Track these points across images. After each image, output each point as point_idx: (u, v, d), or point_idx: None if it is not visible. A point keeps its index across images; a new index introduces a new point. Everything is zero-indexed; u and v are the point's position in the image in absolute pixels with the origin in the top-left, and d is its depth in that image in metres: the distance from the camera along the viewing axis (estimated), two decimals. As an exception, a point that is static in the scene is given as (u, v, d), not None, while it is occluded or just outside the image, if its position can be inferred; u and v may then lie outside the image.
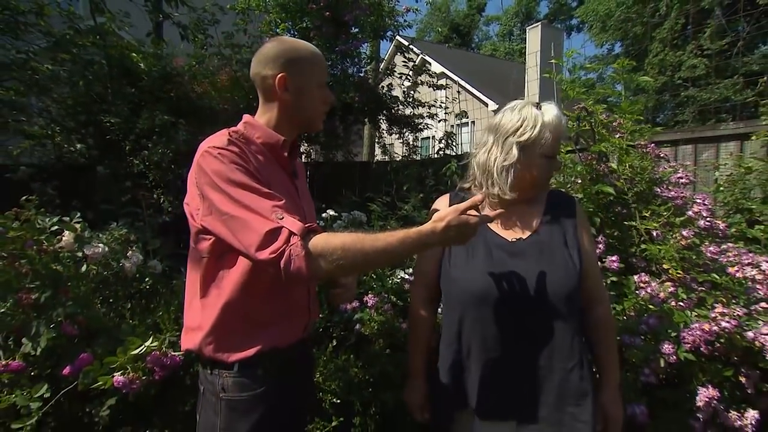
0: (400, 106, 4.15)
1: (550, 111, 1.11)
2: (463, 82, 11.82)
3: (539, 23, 11.54)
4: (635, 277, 1.62)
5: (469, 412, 1.12)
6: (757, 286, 1.58)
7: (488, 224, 1.09)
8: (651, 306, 1.56)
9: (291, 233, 0.81)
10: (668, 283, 1.59)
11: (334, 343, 1.57)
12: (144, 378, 1.28)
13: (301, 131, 1.08)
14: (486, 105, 11.46)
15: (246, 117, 1.04)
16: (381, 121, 4.26)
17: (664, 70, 12.51)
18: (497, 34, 27.51)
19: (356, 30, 3.66)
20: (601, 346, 1.16)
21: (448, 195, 1.24)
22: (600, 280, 1.18)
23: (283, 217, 0.83)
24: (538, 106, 1.13)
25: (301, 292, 1.04)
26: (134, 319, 1.54)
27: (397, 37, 4.79)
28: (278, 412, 0.97)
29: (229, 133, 0.95)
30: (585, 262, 1.09)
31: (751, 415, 1.53)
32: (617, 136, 1.92)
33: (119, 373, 1.26)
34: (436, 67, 10.89)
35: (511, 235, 1.10)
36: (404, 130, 4.20)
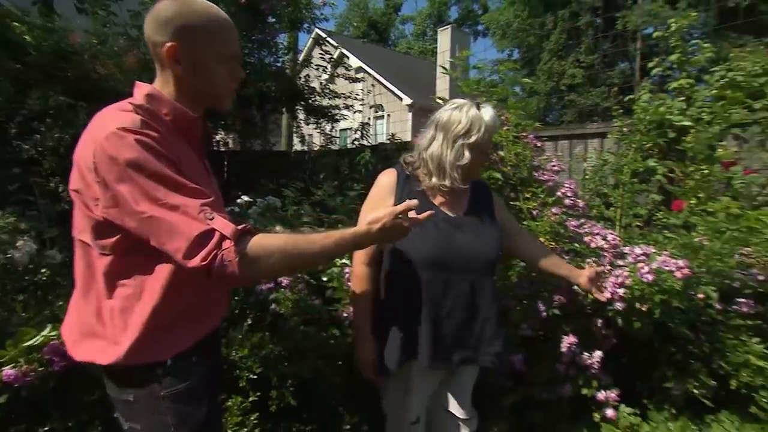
0: (318, 97, 4.15)
1: (488, 112, 1.23)
2: (379, 77, 12.02)
3: (449, 26, 12.08)
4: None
5: (409, 364, 1.24)
6: (604, 253, 1.89)
7: (434, 202, 1.24)
8: (533, 273, 1.80)
9: (222, 236, 0.73)
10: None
11: (249, 322, 1.58)
12: (41, 369, 1.20)
13: (205, 107, 0.92)
14: (400, 99, 11.74)
15: (145, 87, 0.85)
16: (298, 111, 4.23)
17: (552, 77, 13.99)
18: (412, 34, 28.15)
19: (273, 20, 3.58)
20: (542, 249, 1.44)
21: (395, 170, 1.31)
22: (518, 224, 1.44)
23: (213, 218, 0.73)
24: (477, 106, 1.24)
25: None
26: (28, 312, 1.43)
27: (316, 30, 4.78)
28: (213, 393, 0.92)
29: (134, 109, 0.78)
30: (507, 220, 1.36)
31: (597, 354, 1.82)
32: (505, 128, 2.16)
33: (9, 366, 1.16)
34: (353, 61, 10.94)
35: (452, 212, 1.26)
36: (321, 120, 4.22)
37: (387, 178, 1.27)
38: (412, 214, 0.94)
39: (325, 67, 4.39)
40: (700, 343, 1.81)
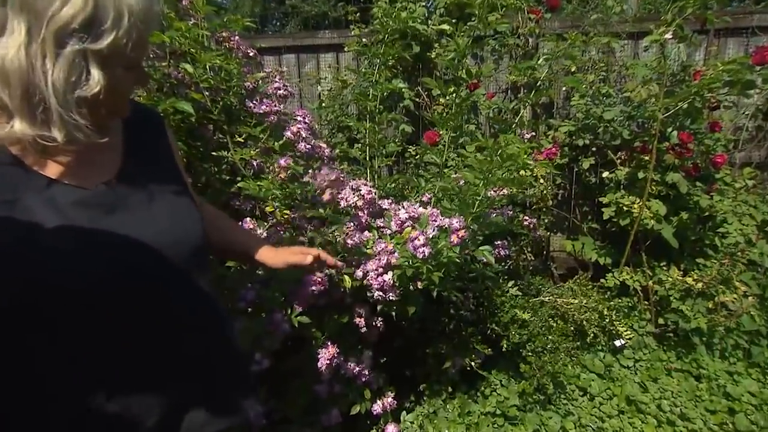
0: None
1: None
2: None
3: None
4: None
5: None
6: (360, 213, 1.55)
7: (42, 173, 0.72)
8: (258, 272, 1.37)
9: None
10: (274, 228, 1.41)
11: None
12: None
13: None
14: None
15: None
16: None
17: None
18: None
19: None
20: (228, 223, 1.05)
21: None
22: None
23: None
24: None
25: None
26: None
27: None
28: None
29: None
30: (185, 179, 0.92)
31: (367, 355, 1.58)
32: (191, 22, 1.34)
33: None
34: None
35: (88, 181, 0.75)
36: None
37: None
38: None
39: None
40: (469, 306, 1.78)
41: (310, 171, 1.43)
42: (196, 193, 0.94)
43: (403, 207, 1.46)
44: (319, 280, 1.33)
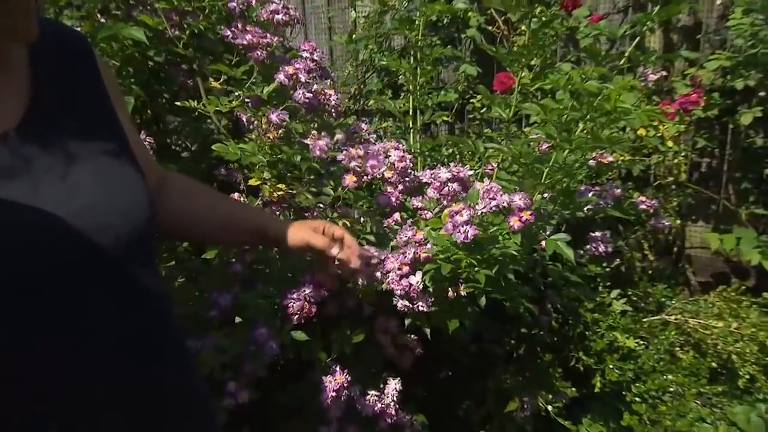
0: None
1: None
2: None
3: None
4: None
5: None
6: (389, 189, 1.47)
7: None
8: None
9: None
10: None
11: None
12: None
13: None
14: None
15: None
16: None
17: None
18: None
19: None
20: (215, 199, 1.07)
21: None
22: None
23: None
24: None
25: None
26: None
27: None
28: None
29: None
30: (130, 134, 0.87)
31: (392, 387, 1.46)
32: None
33: None
34: None
35: None
36: None
37: None
38: None
39: None
40: (547, 323, 1.70)
41: (314, 132, 1.33)
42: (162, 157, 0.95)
43: (446, 167, 1.38)
44: (325, 279, 1.24)
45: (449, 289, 1.28)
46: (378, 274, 1.29)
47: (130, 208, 0.74)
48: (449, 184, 1.34)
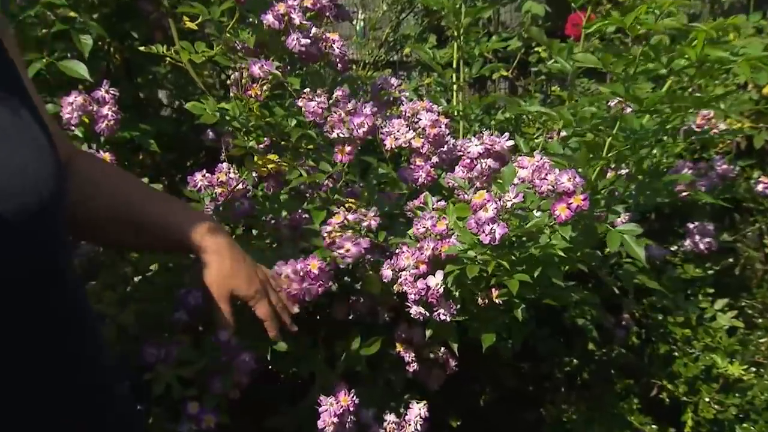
0: None
1: None
2: None
3: None
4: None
5: None
6: (417, 162, 1.44)
7: None
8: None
9: None
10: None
11: None
12: None
13: None
14: None
15: None
16: None
17: None
18: None
19: None
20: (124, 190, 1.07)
21: None
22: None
23: None
24: None
25: None
26: None
27: None
28: None
29: None
30: (39, 105, 0.92)
31: (416, 413, 1.42)
32: None
33: None
34: None
35: None
36: None
37: None
38: None
39: None
40: (622, 340, 1.68)
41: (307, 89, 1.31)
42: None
43: (477, 138, 1.34)
44: (320, 270, 1.23)
45: (478, 294, 1.26)
46: (388, 272, 1.27)
47: (36, 185, 0.72)
48: (482, 160, 1.30)
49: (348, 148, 1.25)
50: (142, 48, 1.34)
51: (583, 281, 1.49)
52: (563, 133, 1.53)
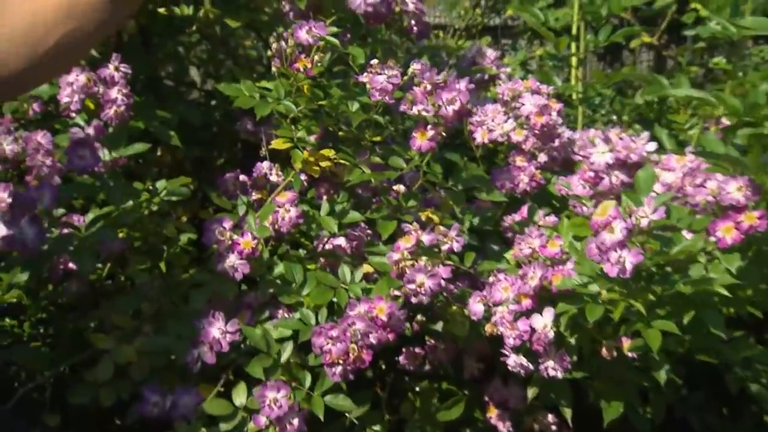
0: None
1: None
2: None
3: None
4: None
5: None
6: (517, 161, 1.44)
7: None
8: None
9: None
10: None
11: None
12: None
13: None
14: None
15: None
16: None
17: None
18: None
19: None
20: None
21: None
22: None
23: None
24: None
25: None
26: None
27: None
28: None
29: None
30: None
31: None
32: None
33: None
34: None
35: None
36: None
37: None
38: None
39: None
40: None
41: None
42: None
43: (604, 140, 1.30)
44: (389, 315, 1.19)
45: (603, 343, 1.22)
46: (478, 307, 1.25)
47: None
48: (612, 172, 1.25)
49: (431, 132, 1.22)
50: (162, 10, 1.36)
51: (756, 330, 1.45)
52: (726, 123, 1.47)
